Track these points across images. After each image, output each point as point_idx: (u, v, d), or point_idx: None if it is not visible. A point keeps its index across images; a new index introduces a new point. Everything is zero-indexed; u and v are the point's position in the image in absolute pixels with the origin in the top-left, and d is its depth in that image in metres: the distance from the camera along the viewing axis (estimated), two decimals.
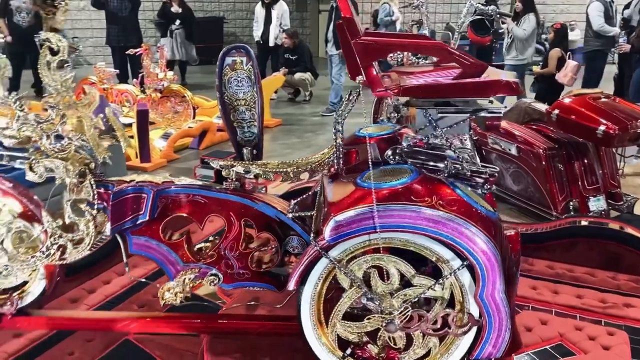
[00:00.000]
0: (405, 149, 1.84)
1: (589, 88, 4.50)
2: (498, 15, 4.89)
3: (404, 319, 1.78)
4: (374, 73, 1.74)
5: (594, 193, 3.72)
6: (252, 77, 2.03)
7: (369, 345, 1.86)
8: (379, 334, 1.85)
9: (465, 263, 1.72)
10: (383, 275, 1.81)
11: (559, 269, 3.06)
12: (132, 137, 5.45)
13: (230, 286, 2.02)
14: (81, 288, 2.82)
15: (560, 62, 6.16)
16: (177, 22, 9.94)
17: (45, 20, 1.96)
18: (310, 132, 6.89)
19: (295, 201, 2.08)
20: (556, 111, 3.70)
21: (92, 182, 2.01)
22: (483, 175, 1.78)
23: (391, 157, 1.85)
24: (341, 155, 1.89)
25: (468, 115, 1.84)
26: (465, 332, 1.79)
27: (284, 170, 2.02)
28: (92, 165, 2.03)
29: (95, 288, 2.83)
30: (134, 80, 6.97)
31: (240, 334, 2.14)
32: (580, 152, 3.76)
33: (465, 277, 1.76)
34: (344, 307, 1.84)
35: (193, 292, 2.79)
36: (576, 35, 13.51)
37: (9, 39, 8.75)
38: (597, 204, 3.69)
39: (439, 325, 1.79)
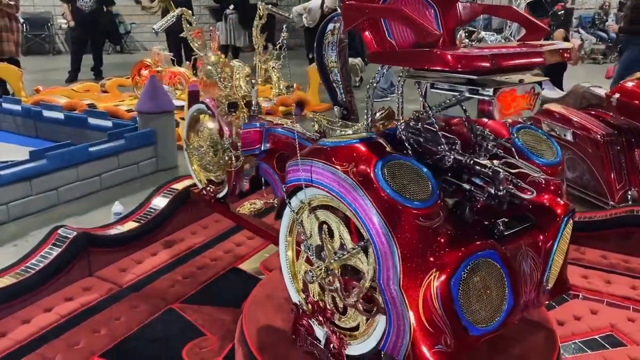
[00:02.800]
0: (411, 123, 1.78)
1: None
2: None
3: (320, 274, 1.78)
4: (369, 38, 1.72)
5: None
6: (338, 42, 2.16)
7: (315, 295, 1.88)
8: (325, 288, 1.83)
9: (366, 239, 1.57)
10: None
11: (613, 259, 2.92)
12: (183, 118, 5.57)
13: None
14: (130, 258, 2.92)
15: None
16: (231, 6, 10.05)
17: None
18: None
19: None
20: (616, 95, 3.52)
21: (245, 114, 2.56)
22: (488, 171, 1.64)
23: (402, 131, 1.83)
24: (370, 120, 1.89)
25: (457, 94, 1.63)
26: (368, 313, 1.65)
27: (344, 130, 2.10)
28: (248, 101, 2.57)
29: (142, 259, 2.93)
30: (187, 62, 7.11)
31: None
32: None
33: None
34: (304, 253, 1.89)
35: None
36: None
37: (72, 24, 9.13)
38: None
39: (350, 295, 1.68)
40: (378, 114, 2.00)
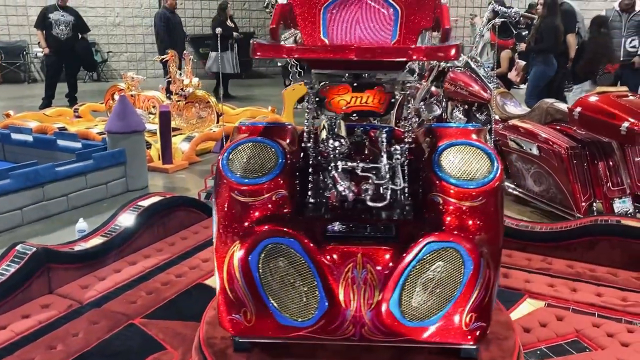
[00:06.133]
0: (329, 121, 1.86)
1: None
2: (522, 18, 4.82)
3: None
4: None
5: (619, 194, 3.58)
6: None
7: None
8: None
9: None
10: None
11: (579, 268, 2.93)
12: (156, 141, 5.54)
13: None
14: (93, 275, 2.85)
15: (511, 63, 6.80)
16: (235, 35, 10.31)
17: None
18: None
19: None
20: (578, 109, 3.60)
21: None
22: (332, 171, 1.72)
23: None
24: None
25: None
26: None
27: None
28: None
29: (105, 276, 2.86)
30: (160, 86, 7.11)
31: None
32: (604, 152, 3.63)
33: None
34: None
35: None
36: None
37: (46, 51, 9.07)
38: (622, 205, 3.55)
39: None
40: None
